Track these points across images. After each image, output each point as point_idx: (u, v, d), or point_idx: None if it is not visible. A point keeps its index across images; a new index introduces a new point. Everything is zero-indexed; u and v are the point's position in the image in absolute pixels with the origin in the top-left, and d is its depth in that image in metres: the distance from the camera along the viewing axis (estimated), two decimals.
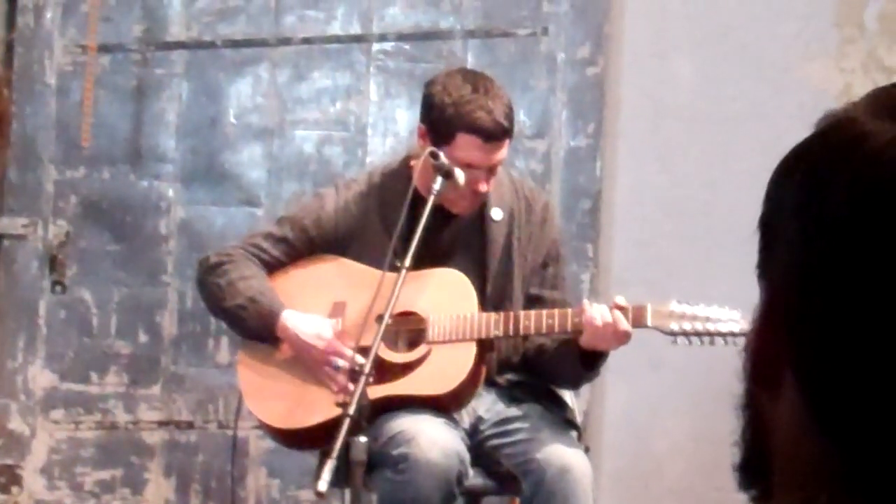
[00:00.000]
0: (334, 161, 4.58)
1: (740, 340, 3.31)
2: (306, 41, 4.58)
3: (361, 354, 3.31)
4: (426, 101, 3.47)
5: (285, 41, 4.58)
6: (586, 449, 3.57)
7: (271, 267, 3.56)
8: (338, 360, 3.40)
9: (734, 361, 0.90)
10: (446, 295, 3.48)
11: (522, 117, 4.46)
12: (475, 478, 3.47)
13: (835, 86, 4.41)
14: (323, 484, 3.00)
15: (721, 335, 3.36)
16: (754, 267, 0.87)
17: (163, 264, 4.55)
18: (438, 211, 3.43)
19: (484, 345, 3.48)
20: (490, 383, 3.55)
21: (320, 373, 3.46)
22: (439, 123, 3.42)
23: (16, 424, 4.52)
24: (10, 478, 4.52)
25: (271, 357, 3.55)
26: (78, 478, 4.54)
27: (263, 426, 3.63)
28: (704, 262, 4.37)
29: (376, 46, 4.58)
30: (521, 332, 3.45)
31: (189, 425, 4.55)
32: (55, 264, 4.49)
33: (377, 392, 3.34)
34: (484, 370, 3.51)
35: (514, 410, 3.52)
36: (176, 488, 4.54)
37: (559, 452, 3.40)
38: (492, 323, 3.44)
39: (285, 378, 3.54)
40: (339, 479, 3.16)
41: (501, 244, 3.54)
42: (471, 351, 3.45)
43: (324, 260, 3.58)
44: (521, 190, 3.60)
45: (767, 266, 0.85)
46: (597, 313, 3.33)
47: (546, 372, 3.55)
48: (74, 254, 4.53)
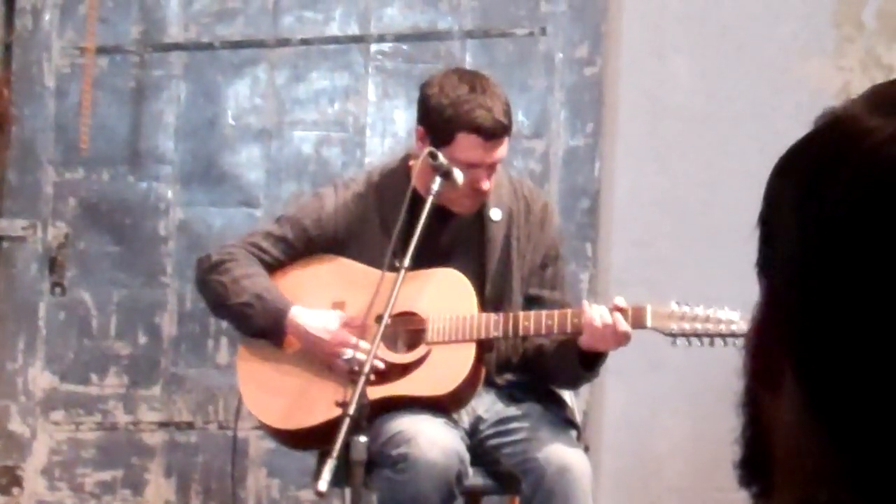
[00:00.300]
0: (333, 162, 4.58)
1: (740, 341, 3.32)
2: (304, 42, 4.58)
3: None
4: (423, 103, 3.47)
5: (283, 42, 4.58)
6: (586, 448, 3.58)
7: (271, 267, 3.56)
8: (347, 351, 3.39)
9: (733, 361, 0.90)
10: (446, 295, 3.48)
11: (521, 117, 4.46)
12: (475, 477, 3.47)
13: (833, 85, 4.41)
14: (323, 484, 3.00)
15: (721, 336, 3.36)
16: (753, 265, 0.87)
17: (162, 265, 4.55)
18: (438, 211, 3.43)
19: (483, 345, 3.48)
20: (489, 383, 3.55)
21: (333, 365, 3.46)
22: (438, 124, 3.42)
23: (16, 426, 4.52)
24: (11, 479, 4.52)
25: (271, 357, 3.55)
26: (78, 479, 4.54)
27: (263, 426, 3.63)
28: (703, 262, 4.37)
29: (374, 47, 4.58)
30: (521, 333, 3.45)
31: (189, 426, 4.55)
32: (55, 266, 4.49)
33: (377, 393, 3.34)
34: (483, 371, 3.51)
35: (514, 410, 3.52)
36: (176, 489, 4.54)
37: (559, 452, 3.40)
38: (491, 324, 3.44)
39: (285, 378, 3.54)
40: (339, 479, 3.16)
41: (500, 244, 3.55)
42: (470, 351, 3.46)
43: (323, 260, 3.58)
44: (520, 190, 3.60)
45: (767, 263, 0.85)
46: (596, 314, 3.33)
47: (545, 372, 3.55)
48: (74, 255, 4.53)
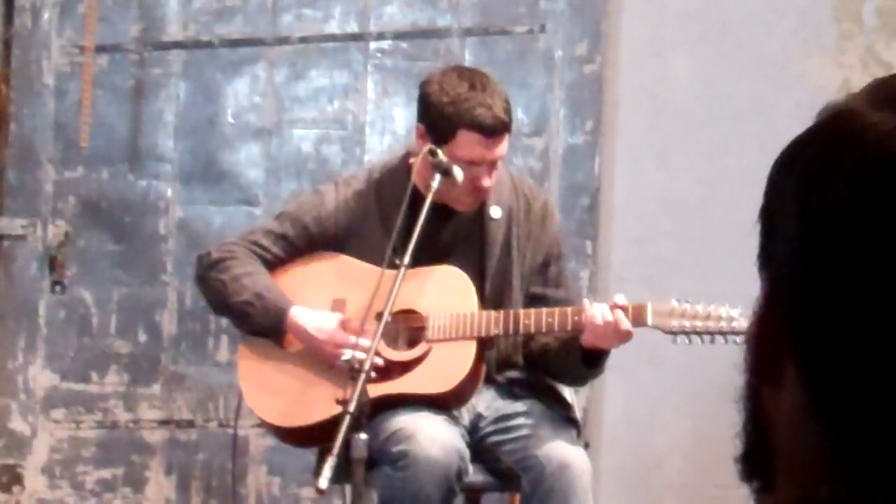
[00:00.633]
0: (332, 160, 4.58)
1: (740, 338, 3.32)
2: (303, 40, 4.58)
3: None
4: (423, 101, 3.47)
5: (283, 40, 4.58)
6: (586, 445, 3.58)
7: (271, 264, 3.56)
8: (346, 352, 3.39)
9: (733, 359, 0.90)
10: (446, 293, 3.48)
11: (520, 115, 4.46)
12: (475, 474, 3.47)
13: (833, 81, 4.41)
14: (324, 481, 3.01)
15: (721, 333, 3.36)
16: (754, 259, 0.87)
17: (162, 264, 4.55)
18: (438, 208, 3.43)
19: (484, 343, 3.48)
20: (490, 381, 3.55)
21: (334, 365, 3.46)
22: (439, 122, 3.42)
23: (17, 424, 4.52)
24: (12, 477, 4.53)
25: (272, 355, 3.55)
26: (79, 477, 4.54)
27: (264, 424, 3.63)
28: (703, 259, 4.37)
29: (373, 45, 4.58)
30: (521, 331, 3.45)
31: (189, 424, 4.55)
32: (55, 264, 4.49)
33: (377, 390, 3.34)
34: (484, 368, 3.51)
35: (514, 407, 3.52)
36: (177, 487, 4.54)
37: (559, 449, 3.40)
38: (492, 321, 3.44)
39: (286, 376, 3.54)
40: (340, 476, 3.16)
41: (500, 242, 3.55)
42: (471, 349, 3.46)
43: (323, 257, 3.58)
44: (521, 188, 3.60)
45: (768, 257, 0.85)
46: (597, 312, 3.33)
47: (550, 370, 3.55)
48: (74, 254, 4.53)
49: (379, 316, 3.29)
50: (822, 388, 0.82)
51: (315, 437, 3.44)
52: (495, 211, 3.54)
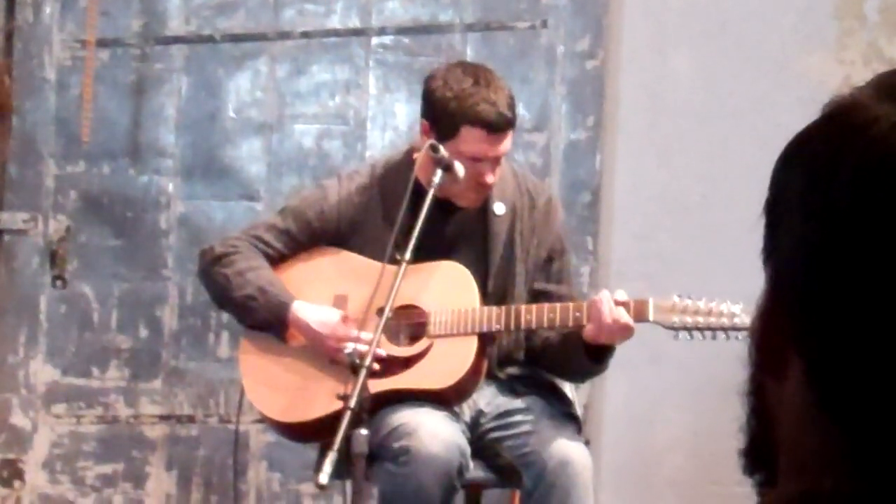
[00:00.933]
0: (334, 155, 4.58)
1: (742, 334, 3.32)
2: (305, 35, 4.58)
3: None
4: (427, 97, 3.47)
5: (284, 35, 4.58)
6: (586, 442, 3.58)
7: (274, 259, 3.56)
8: (348, 346, 3.38)
9: (734, 355, 0.90)
10: (448, 288, 3.48)
11: (522, 110, 4.45)
12: (476, 470, 3.47)
13: (835, 78, 4.40)
14: (324, 476, 3.01)
15: (723, 329, 3.36)
16: (756, 256, 0.87)
17: (163, 259, 4.55)
18: (441, 204, 3.43)
19: (485, 339, 3.48)
20: (491, 377, 3.55)
21: (336, 360, 3.46)
22: (443, 118, 3.42)
23: (17, 419, 4.53)
24: (13, 472, 4.53)
25: (273, 350, 3.56)
26: (79, 472, 4.54)
27: (265, 419, 3.63)
28: (703, 256, 4.37)
29: (375, 40, 4.58)
30: (523, 326, 3.45)
31: (190, 419, 4.55)
32: (56, 259, 4.49)
33: (378, 386, 3.34)
34: (485, 364, 3.51)
35: (515, 403, 3.52)
36: (177, 482, 4.54)
37: (560, 445, 3.40)
38: (493, 317, 3.44)
39: (287, 371, 3.54)
40: (341, 472, 3.16)
41: (504, 238, 3.54)
42: (472, 345, 3.46)
43: (325, 253, 3.58)
44: (524, 184, 3.60)
45: (772, 250, 0.85)
46: (606, 308, 3.33)
47: (552, 365, 3.55)
48: (75, 249, 4.53)
49: (380, 311, 3.29)
50: (826, 382, 0.82)
51: (316, 433, 3.44)
52: (499, 207, 3.54)
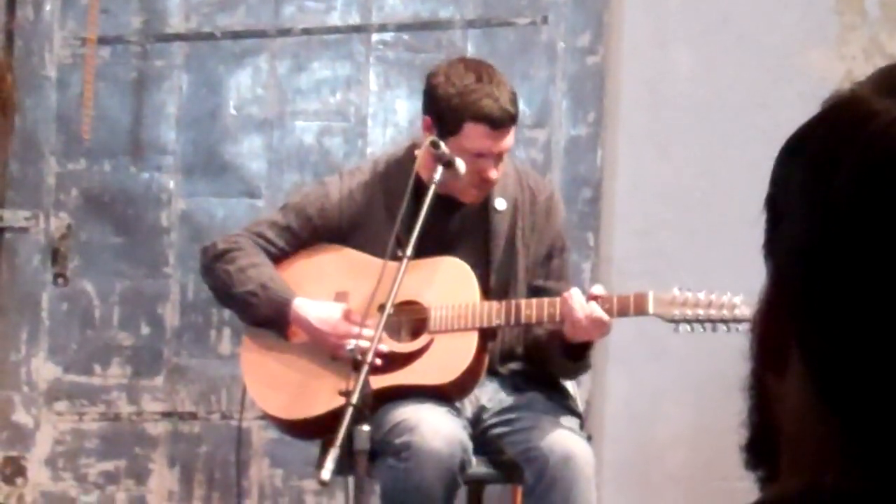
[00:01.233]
0: (334, 152, 4.58)
1: (743, 326, 3.32)
2: (306, 32, 4.58)
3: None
4: (430, 93, 3.47)
5: (285, 32, 4.57)
6: (588, 437, 3.58)
7: (275, 256, 3.57)
8: (350, 342, 3.38)
9: (736, 350, 0.90)
10: (448, 284, 3.48)
11: (522, 107, 4.42)
12: (478, 466, 3.47)
13: (836, 73, 4.40)
14: (326, 473, 3.01)
15: (724, 321, 3.36)
16: (757, 252, 0.87)
17: (164, 256, 4.55)
18: (443, 200, 3.43)
19: (486, 334, 3.48)
20: (492, 373, 3.56)
21: (337, 356, 3.46)
22: (445, 114, 3.42)
23: (20, 416, 4.53)
24: (15, 469, 4.53)
25: (275, 347, 3.56)
26: (82, 469, 4.54)
27: (267, 416, 3.63)
28: (705, 251, 4.37)
29: (376, 37, 4.58)
30: (523, 321, 3.45)
31: (192, 416, 4.55)
32: (57, 257, 4.49)
33: (380, 382, 3.34)
34: (486, 359, 3.51)
35: (517, 399, 3.52)
36: (180, 479, 4.54)
37: (562, 440, 3.40)
38: (493, 312, 3.44)
39: (289, 368, 3.54)
40: (343, 468, 3.16)
41: (505, 234, 3.55)
42: (473, 340, 3.46)
43: (326, 250, 3.58)
44: (526, 180, 3.60)
45: (774, 245, 0.85)
46: (576, 304, 3.33)
47: (542, 364, 3.56)
48: (76, 246, 4.53)
49: (381, 308, 3.29)
50: (827, 377, 0.82)
51: (318, 429, 3.45)
52: (500, 203, 3.54)
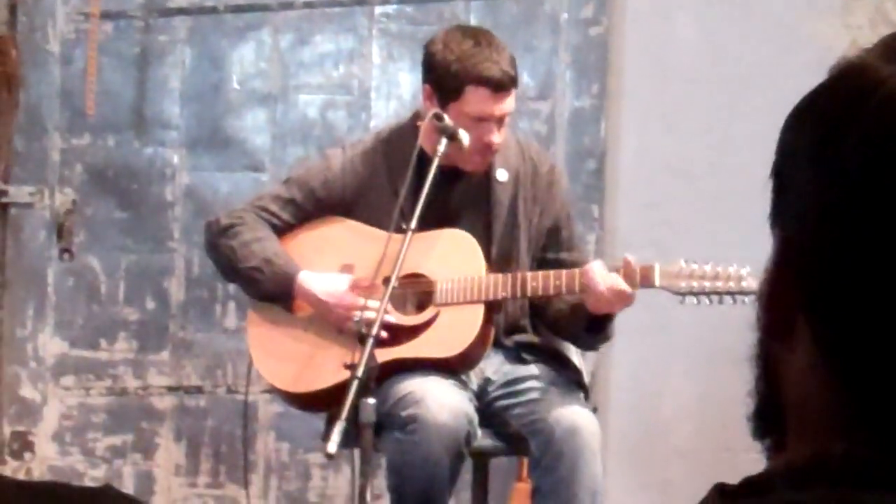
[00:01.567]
0: (338, 125, 4.58)
1: (749, 298, 3.32)
2: (308, 5, 4.57)
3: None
4: (429, 61, 3.47)
5: (287, 5, 4.57)
6: (594, 409, 3.58)
7: (280, 230, 3.57)
8: (356, 314, 3.38)
9: (742, 322, 0.90)
10: (454, 256, 3.48)
11: (526, 78, 4.44)
12: (484, 439, 3.48)
13: (841, 43, 4.38)
14: (332, 446, 3.01)
15: (730, 293, 3.36)
16: (762, 223, 0.86)
17: (169, 231, 4.55)
18: (445, 171, 3.43)
19: (491, 306, 3.48)
20: (498, 345, 3.56)
21: (343, 329, 3.46)
22: (446, 80, 3.41)
23: (27, 391, 4.54)
24: (23, 444, 4.54)
25: (281, 320, 3.56)
26: (89, 443, 4.55)
27: (273, 389, 3.64)
28: (710, 223, 4.37)
29: (378, 10, 4.57)
30: (529, 294, 3.45)
31: (198, 390, 4.56)
32: (62, 232, 4.49)
33: (386, 355, 3.34)
34: (492, 332, 3.52)
35: (522, 371, 3.52)
36: (186, 453, 4.56)
37: (568, 413, 3.40)
38: (499, 284, 3.44)
39: (295, 342, 3.55)
40: (349, 441, 3.17)
41: (507, 205, 3.54)
42: (478, 313, 3.46)
43: (331, 222, 3.58)
44: (528, 152, 3.60)
45: (780, 214, 0.85)
46: (598, 276, 3.33)
47: (565, 338, 3.56)
48: (81, 221, 4.53)
49: (386, 280, 3.29)
50: (835, 346, 0.82)
51: (324, 403, 3.45)
52: (501, 174, 3.53)
